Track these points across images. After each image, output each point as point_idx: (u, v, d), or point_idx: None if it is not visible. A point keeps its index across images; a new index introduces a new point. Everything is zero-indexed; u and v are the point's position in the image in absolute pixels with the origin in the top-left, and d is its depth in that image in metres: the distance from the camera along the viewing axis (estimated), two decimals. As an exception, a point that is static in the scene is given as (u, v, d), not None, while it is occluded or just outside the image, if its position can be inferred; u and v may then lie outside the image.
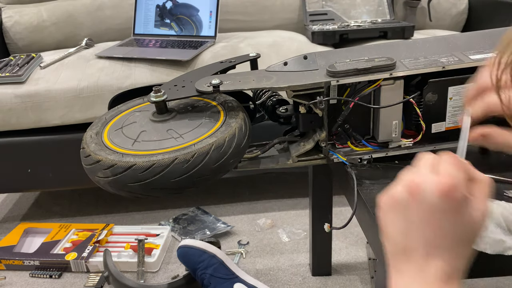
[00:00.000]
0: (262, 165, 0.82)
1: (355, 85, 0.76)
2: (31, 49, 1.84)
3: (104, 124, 0.81)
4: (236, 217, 1.68)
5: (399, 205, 0.46)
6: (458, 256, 0.46)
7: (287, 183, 1.88)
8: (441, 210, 0.44)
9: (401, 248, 0.46)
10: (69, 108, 1.46)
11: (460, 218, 0.45)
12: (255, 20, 1.93)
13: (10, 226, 1.66)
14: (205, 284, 1.11)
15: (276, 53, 1.52)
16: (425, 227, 0.45)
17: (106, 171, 0.69)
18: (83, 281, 1.38)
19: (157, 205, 1.78)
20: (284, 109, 0.84)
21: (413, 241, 0.46)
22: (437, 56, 0.75)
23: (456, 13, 1.97)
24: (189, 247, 1.15)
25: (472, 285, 1.28)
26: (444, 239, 0.45)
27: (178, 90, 0.80)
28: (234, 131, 0.73)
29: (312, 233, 1.31)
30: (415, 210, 0.45)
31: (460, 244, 0.46)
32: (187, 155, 0.68)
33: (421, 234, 0.45)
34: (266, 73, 0.79)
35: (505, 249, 0.58)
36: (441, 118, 0.79)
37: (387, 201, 0.48)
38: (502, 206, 0.62)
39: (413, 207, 0.45)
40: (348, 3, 1.89)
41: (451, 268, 0.45)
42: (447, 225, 0.45)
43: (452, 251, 0.45)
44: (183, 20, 1.72)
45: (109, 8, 1.88)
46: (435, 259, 0.45)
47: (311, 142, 0.80)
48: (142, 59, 1.52)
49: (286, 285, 1.33)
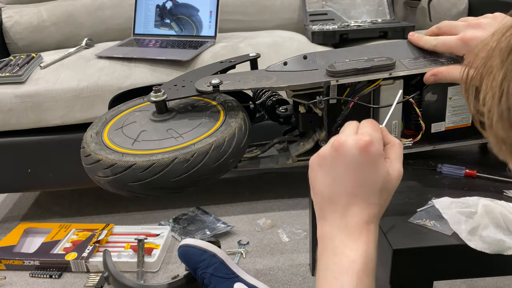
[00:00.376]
0: (262, 165, 0.82)
1: (355, 85, 0.76)
2: (31, 49, 1.84)
3: (104, 124, 0.81)
4: (236, 217, 1.68)
5: (326, 161, 0.53)
6: (375, 204, 0.53)
7: (287, 183, 1.88)
8: (360, 163, 0.52)
9: (327, 199, 0.53)
10: (69, 108, 1.46)
11: (376, 171, 0.52)
12: (255, 20, 1.93)
13: (10, 226, 1.66)
14: (206, 284, 1.11)
15: (276, 53, 1.52)
16: (346, 179, 0.52)
17: (106, 171, 0.69)
18: (83, 281, 1.38)
19: (157, 205, 1.78)
20: (283, 109, 0.84)
21: (337, 191, 0.53)
22: (437, 56, 0.75)
23: (456, 13, 1.97)
24: (189, 246, 1.15)
25: (472, 285, 1.28)
26: (362, 189, 0.52)
27: (178, 90, 0.80)
28: (234, 131, 0.73)
29: (312, 233, 1.31)
30: (339, 163, 0.52)
31: (376, 195, 0.53)
32: (187, 154, 0.68)
33: (344, 185, 0.52)
34: (265, 73, 0.79)
35: (504, 248, 0.58)
36: (440, 118, 0.79)
37: (316, 160, 0.54)
38: (501, 205, 0.62)
39: (337, 161, 0.52)
40: (348, 3, 1.89)
41: (368, 215, 0.52)
42: (365, 176, 0.52)
43: (368, 200, 0.52)
44: (183, 20, 1.72)
45: (109, 8, 1.88)
46: (355, 207, 0.52)
47: (311, 142, 0.80)
48: (142, 59, 1.53)
49: (286, 285, 1.33)
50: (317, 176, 0.55)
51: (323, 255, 0.53)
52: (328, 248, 0.52)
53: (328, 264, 0.51)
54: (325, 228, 0.53)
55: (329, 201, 0.53)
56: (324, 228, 0.54)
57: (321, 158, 0.54)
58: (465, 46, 0.67)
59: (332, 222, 0.53)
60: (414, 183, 0.75)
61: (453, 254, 0.62)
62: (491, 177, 0.74)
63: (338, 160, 0.52)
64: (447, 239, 0.61)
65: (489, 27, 0.66)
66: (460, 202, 0.65)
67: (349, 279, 0.49)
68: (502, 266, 0.63)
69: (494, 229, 0.60)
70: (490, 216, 0.60)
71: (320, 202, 0.55)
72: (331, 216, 0.53)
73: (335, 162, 0.53)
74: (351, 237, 0.52)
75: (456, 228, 0.61)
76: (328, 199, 0.53)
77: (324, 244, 0.53)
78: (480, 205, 0.62)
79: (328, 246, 0.52)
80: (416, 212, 0.67)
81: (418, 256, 0.62)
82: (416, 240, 0.62)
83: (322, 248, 0.53)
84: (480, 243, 0.59)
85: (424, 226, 0.64)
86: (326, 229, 0.53)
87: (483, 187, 0.72)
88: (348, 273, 0.50)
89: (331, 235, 0.53)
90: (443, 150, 0.81)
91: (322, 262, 0.52)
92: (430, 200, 0.68)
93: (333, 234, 0.52)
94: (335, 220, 0.53)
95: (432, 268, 0.63)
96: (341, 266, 0.50)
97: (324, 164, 0.54)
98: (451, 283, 1.29)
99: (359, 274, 0.50)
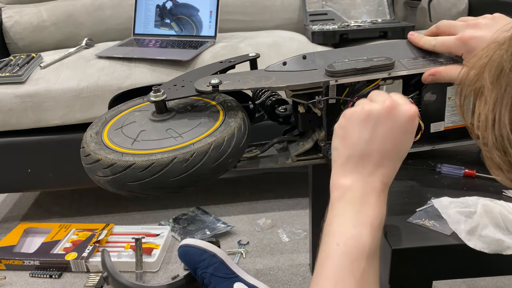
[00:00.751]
0: (262, 165, 0.82)
1: (354, 84, 0.76)
2: (31, 49, 1.84)
3: (104, 124, 0.81)
4: (236, 217, 1.68)
5: (371, 117, 0.55)
6: (395, 170, 0.56)
7: (287, 183, 1.88)
8: (404, 130, 0.54)
9: (360, 154, 0.55)
10: (69, 108, 1.46)
11: (410, 141, 0.56)
12: (255, 20, 1.93)
13: (10, 226, 1.66)
14: (206, 283, 1.11)
15: (276, 53, 1.52)
16: (387, 140, 0.54)
17: (105, 170, 0.69)
18: (83, 281, 1.38)
19: (157, 205, 1.78)
20: (283, 109, 0.84)
21: (372, 149, 0.54)
22: (436, 56, 0.75)
23: (456, 13, 1.97)
24: (189, 246, 1.15)
25: (472, 285, 1.28)
26: (395, 154, 0.55)
27: (178, 89, 0.80)
28: (233, 131, 0.73)
29: (312, 233, 1.31)
30: (385, 124, 0.54)
31: (400, 161, 0.56)
32: (186, 154, 0.68)
33: (381, 145, 0.54)
34: (265, 73, 0.79)
35: (503, 248, 0.58)
36: (440, 118, 0.79)
37: (359, 114, 0.55)
38: (500, 205, 0.62)
39: (384, 122, 0.54)
40: (348, 3, 1.89)
41: (389, 179, 0.55)
42: (402, 143, 0.55)
43: (394, 165, 0.55)
44: (183, 20, 1.72)
45: (109, 8, 1.88)
46: (383, 168, 0.54)
47: (310, 142, 0.80)
48: (142, 59, 1.53)
49: (286, 285, 1.33)
50: (355, 129, 0.55)
51: (339, 203, 0.54)
52: (347, 198, 0.53)
53: (346, 212, 0.52)
54: (347, 180, 0.54)
55: (361, 156, 0.54)
56: (346, 179, 0.55)
57: (366, 113, 0.55)
58: (463, 46, 0.67)
59: (359, 176, 0.54)
60: (414, 183, 0.75)
61: (452, 254, 0.62)
62: (491, 177, 0.74)
63: (386, 121, 0.54)
64: (446, 239, 0.61)
65: (488, 27, 0.66)
66: (460, 202, 0.65)
67: (368, 232, 0.50)
68: (501, 266, 0.63)
69: (493, 229, 0.60)
70: (489, 216, 0.60)
71: (350, 154, 0.55)
72: (360, 170, 0.54)
73: (381, 122, 0.54)
74: (374, 194, 0.53)
75: (456, 228, 0.61)
76: (361, 153, 0.54)
77: (342, 194, 0.54)
78: (480, 205, 0.62)
79: (348, 196, 0.53)
80: (416, 212, 0.67)
81: (417, 256, 0.62)
82: (415, 240, 0.62)
83: (339, 196, 0.54)
84: (479, 243, 0.59)
85: (424, 226, 0.64)
86: (348, 181, 0.54)
87: (483, 187, 0.72)
88: (367, 226, 0.51)
89: (354, 188, 0.54)
90: (442, 150, 0.81)
91: (338, 209, 0.53)
92: (429, 200, 0.68)
93: (357, 187, 0.54)
94: (363, 175, 0.54)
95: (431, 268, 0.63)
96: (362, 216, 0.51)
97: (368, 120, 0.54)
98: (451, 283, 1.29)
99: (378, 229, 0.51)
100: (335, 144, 0.58)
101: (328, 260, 0.50)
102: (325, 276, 0.48)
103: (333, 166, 0.57)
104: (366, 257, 0.49)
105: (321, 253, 0.51)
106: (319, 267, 0.50)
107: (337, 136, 0.57)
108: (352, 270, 0.48)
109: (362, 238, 0.50)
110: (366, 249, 0.50)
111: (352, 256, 0.49)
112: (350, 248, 0.49)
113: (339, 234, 0.51)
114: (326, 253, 0.50)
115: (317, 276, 0.49)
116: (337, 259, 0.49)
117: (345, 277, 0.48)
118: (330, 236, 0.51)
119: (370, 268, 0.50)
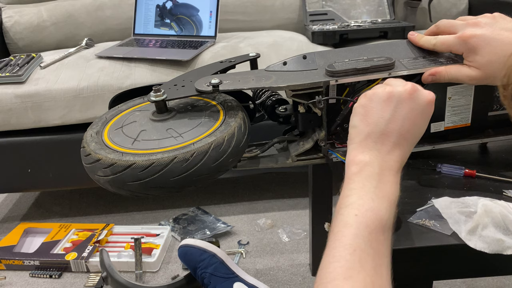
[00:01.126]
0: (262, 165, 0.82)
1: (354, 84, 0.76)
2: (31, 49, 1.84)
3: (104, 123, 0.81)
4: (236, 217, 1.68)
5: (394, 98, 0.57)
6: (408, 153, 0.58)
7: (287, 183, 1.88)
8: (422, 113, 0.58)
9: (380, 132, 0.57)
10: (69, 108, 1.46)
11: (425, 124, 0.59)
12: (255, 20, 1.93)
13: (10, 226, 1.66)
14: (205, 283, 1.11)
15: (276, 53, 1.52)
16: (406, 121, 0.57)
17: (106, 170, 0.69)
18: (83, 281, 1.38)
19: (157, 205, 1.78)
20: (283, 109, 0.84)
21: (392, 128, 0.56)
22: (436, 56, 0.75)
23: (456, 13, 1.98)
24: (189, 246, 1.15)
25: (472, 285, 1.28)
26: (412, 135, 0.58)
27: (178, 89, 0.80)
28: (233, 131, 0.73)
29: (312, 233, 1.31)
30: (406, 106, 0.57)
31: (413, 145, 0.59)
32: (186, 154, 0.68)
33: (401, 125, 0.57)
34: (265, 72, 0.79)
35: (504, 248, 0.58)
36: (440, 118, 0.79)
37: (383, 94, 0.58)
38: (501, 205, 0.62)
39: (405, 103, 0.57)
40: (348, 3, 1.89)
41: (403, 161, 0.57)
42: (419, 126, 0.58)
43: (409, 147, 0.58)
44: (183, 20, 1.72)
45: (109, 8, 1.88)
46: (399, 149, 0.57)
47: (310, 142, 0.80)
48: (142, 59, 1.53)
49: (286, 285, 1.33)
50: (377, 108, 0.58)
51: (357, 177, 0.55)
52: (366, 173, 0.54)
53: (364, 186, 0.53)
54: (366, 156, 0.56)
55: (382, 134, 0.56)
56: (364, 156, 0.56)
57: (388, 94, 0.57)
58: (464, 45, 0.67)
59: (377, 153, 0.56)
60: (414, 183, 0.75)
61: (452, 254, 0.62)
62: (491, 177, 0.74)
63: (407, 102, 0.57)
64: (446, 239, 0.61)
65: (488, 26, 0.66)
66: (460, 202, 0.65)
67: (387, 206, 0.52)
68: (502, 265, 0.63)
69: (493, 228, 0.60)
70: (490, 215, 0.60)
71: (371, 132, 0.57)
72: (379, 148, 0.56)
73: (402, 103, 0.57)
74: (391, 172, 0.55)
75: (456, 228, 0.61)
76: (381, 132, 0.57)
77: (360, 169, 0.55)
78: (480, 205, 0.62)
79: (367, 171, 0.55)
80: (416, 212, 0.67)
81: (417, 256, 0.62)
82: (415, 240, 0.62)
83: (357, 171, 0.55)
84: (480, 243, 0.59)
85: (424, 226, 0.64)
86: (366, 157, 0.56)
87: (483, 187, 0.72)
88: (385, 201, 0.52)
89: (373, 164, 0.55)
90: (442, 150, 0.81)
91: (356, 183, 0.54)
92: (429, 200, 0.68)
93: (375, 163, 0.55)
94: (381, 153, 0.56)
95: (431, 268, 0.63)
96: (381, 191, 0.53)
97: (390, 100, 0.57)
98: (451, 283, 1.29)
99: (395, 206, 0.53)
100: (354, 122, 0.60)
101: (346, 229, 0.50)
102: (343, 244, 0.48)
103: (351, 143, 0.59)
104: (383, 231, 0.50)
105: (338, 223, 0.51)
106: (336, 236, 0.50)
107: (358, 114, 0.59)
108: (370, 241, 0.49)
109: (380, 212, 0.51)
110: (383, 223, 0.50)
111: (370, 228, 0.49)
112: (369, 220, 0.50)
113: (357, 206, 0.51)
114: (344, 223, 0.51)
115: (335, 243, 0.49)
116: (356, 229, 0.49)
117: (363, 247, 0.48)
118: (348, 208, 0.52)
119: (386, 242, 0.50)
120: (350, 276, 0.45)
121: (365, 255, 0.47)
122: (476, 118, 0.80)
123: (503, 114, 0.81)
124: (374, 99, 0.58)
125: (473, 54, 0.66)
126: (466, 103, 0.78)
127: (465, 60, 0.69)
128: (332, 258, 0.48)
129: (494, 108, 0.80)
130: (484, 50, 0.65)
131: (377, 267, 0.47)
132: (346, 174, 0.57)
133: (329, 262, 0.48)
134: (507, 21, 0.66)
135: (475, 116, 0.79)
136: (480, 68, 0.66)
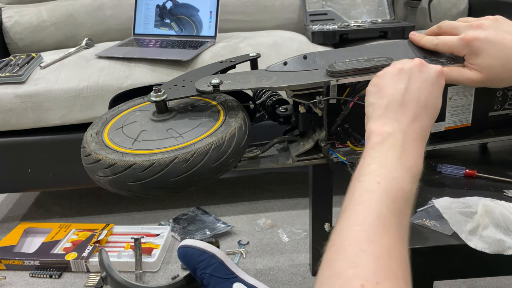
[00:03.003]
0: (262, 165, 0.82)
1: (355, 84, 0.76)
2: (31, 49, 1.84)
3: (104, 124, 0.81)
4: (236, 217, 1.68)
5: (405, 72, 0.60)
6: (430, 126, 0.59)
7: (287, 183, 1.88)
8: (434, 84, 0.60)
9: (398, 103, 0.57)
10: (69, 108, 1.46)
11: (439, 95, 0.61)
12: (255, 20, 1.93)
13: (10, 226, 1.66)
14: (205, 284, 1.11)
15: (276, 53, 1.52)
16: (420, 91, 0.58)
17: (106, 170, 0.69)
18: (83, 281, 1.38)
19: (157, 205, 1.78)
20: (283, 109, 0.84)
21: (410, 98, 0.58)
22: (437, 56, 0.75)
23: (456, 13, 1.97)
24: (189, 247, 1.15)
25: (472, 285, 1.28)
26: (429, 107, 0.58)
27: (178, 89, 0.80)
28: (234, 131, 0.73)
29: (312, 233, 1.31)
30: (417, 77, 0.59)
31: (433, 118, 0.59)
32: (187, 154, 0.68)
33: (417, 96, 0.58)
34: (266, 72, 0.79)
35: (504, 248, 0.58)
36: (440, 118, 0.79)
37: (391, 71, 0.61)
38: (501, 205, 0.62)
39: (416, 76, 0.59)
40: (348, 3, 1.89)
41: (425, 134, 0.57)
42: (434, 95, 0.59)
43: (429, 120, 0.58)
44: (183, 20, 1.72)
45: (109, 8, 1.88)
46: (419, 121, 0.57)
47: (311, 142, 0.80)
48: (142, 59, 1.53)
49: (286, 285, 1.33)
50: (390, 83, 0.59)
51: (380, 147, 0.54)
52: (388, 143, 0.54)
53: (387, 156, 0.52)
54: (387, 127, 0.55)
55: (400, 105, 0.57)
56: (385, 127, 0.56)
57: (398, 69, 0.60)
58: (466, 47, 0.67)
59: (399, 125, 0.55)
60: (414, 183, 0.75)
61: (453, 254, 0.62)
62: (491, 177, 0.74)
63: (418, 74, 0.59)
64: (447, 239, 0.61)
65: (491, 29, 0.66)
66: (460, 202, 0.65)
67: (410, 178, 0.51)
68: (502, 266, 0.63)
69: (494, 229, 0.60)
70: (490, 216, 0.60)
71: (389, 103, 0.58)
72: (399, 119, 0.56)
73: (414, 75, 0.59)
74: (413, 144, 0.55)
75: (456, 228, 0.61)
76: (399, 103, 0.57)
77: (383, 139, 0.54)
78: (480, 205, 0.62)
79: (389, 141, 0.54)
80: (416, 212, 0.67)
81: (418, 256, 0.62)
82: (416, 240, 0.62)
83: (380, 141, 0.54)
84: (480, 243, 0.59)
85: (424, 226, 0.64)
86: (388, 128, 0.55)
87: (483, 187, 0.72)
88: (409, 172, 0.51)
89: (396, 134, 0.54)
90: (443, 150, 0.81)
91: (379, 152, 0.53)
92: (430, 200, 0.68)
93: (398, 135, 0.54)
94: (402, 124, 0.56)
95: (432, 268, 0.63)
96: (404, 162, 0.52)
97: (402, 74, 0.59)
98: (451, 283, 1.29)
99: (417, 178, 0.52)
100: (369, 100, 0.60)
101: (368, 195, 0.48)
102: (367, 209, 0.46)
103: (369, 120, 0.59)
104: (405, 201, 0.49)
105: (359, 189, 0.49)
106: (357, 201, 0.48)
107: (371, 93, 0.61)
108: (393, 209, 0.47)
109: (404, 182, 0.50)
110: (407, 195, 0.49)
111: (393, 196, 0.48)
112: (392, 188, 0.48)
113: (380, 173, 0.50)
114: (365, 189, 0.49)
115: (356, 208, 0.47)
116: (379, 196, 0.47)
117: (387, 214, 0.46)
118: (370, 175, 0.50)
119: (408, 213, 0.49)
120: (375, 240, 0.43)
121: (389, 223, 0.45)
122: (477, 118, 0.80)
123: (503, 114, 0.81)
124: (386, 76, 0.60)
125: (475, 57, 0.66)
126: (466, 103, 0.78)
127: (466, 62, 0.69)
128: (354, 221, 0.45)
129: (494, 109, 0.80)
130: (486, 53, 0.65)
131: (402, 239, 0.45)
132: (366, 145, 0.55)
133: (350, 225, 0.45)
134: (510, 24, 0.66)
135: (475, 116, 0.80)
136: (482, 71, 0.66)
